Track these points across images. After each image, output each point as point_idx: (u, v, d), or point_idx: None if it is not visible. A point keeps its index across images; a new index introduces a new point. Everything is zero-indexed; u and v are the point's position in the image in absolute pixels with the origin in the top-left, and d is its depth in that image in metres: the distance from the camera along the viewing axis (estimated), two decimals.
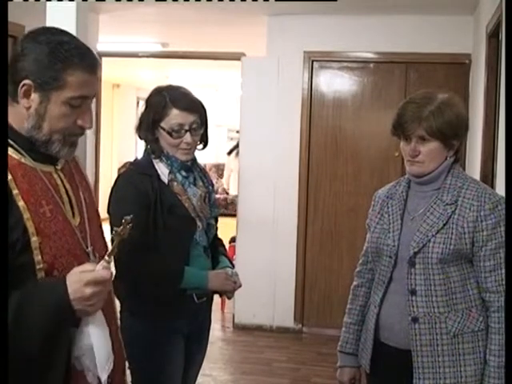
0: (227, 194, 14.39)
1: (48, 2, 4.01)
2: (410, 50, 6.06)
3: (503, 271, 2.30)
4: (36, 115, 1.75)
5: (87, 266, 1.70)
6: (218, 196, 3.70)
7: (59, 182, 1.84)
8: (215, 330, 6.39)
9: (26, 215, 1.68)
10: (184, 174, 2.77)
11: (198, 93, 2.87)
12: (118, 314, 2.03)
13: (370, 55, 6.24)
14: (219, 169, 15.36)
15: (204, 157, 2.98)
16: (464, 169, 4.34)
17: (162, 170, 2.73)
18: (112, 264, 1.72)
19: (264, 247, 6.37)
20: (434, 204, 2.39)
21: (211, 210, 2.88)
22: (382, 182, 2.89)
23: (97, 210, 2.01)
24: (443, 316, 2.34)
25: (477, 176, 4.60)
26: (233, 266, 2.95)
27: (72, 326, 1.69)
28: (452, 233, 2.33)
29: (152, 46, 7.87)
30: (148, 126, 2.74)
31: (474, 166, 5.00)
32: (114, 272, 1.76)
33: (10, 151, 1.74)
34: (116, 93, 13.28)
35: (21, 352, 1.62)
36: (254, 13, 6.17)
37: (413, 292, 2.36)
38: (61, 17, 3.99)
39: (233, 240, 6.91)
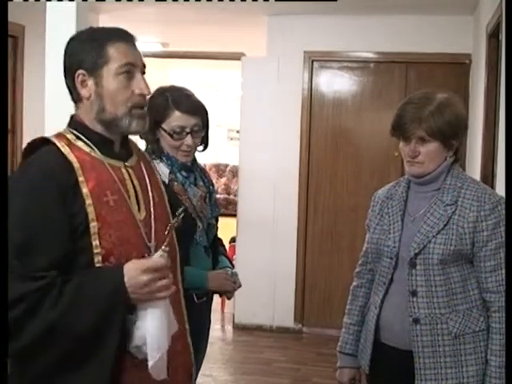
0: (228, 194, 14.39)
1: (48, 2, 4.02)
2: (410, 50, 6.07)
3: (504, 271, 2.30)
4: (97, 98, 1.88)
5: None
6: (218, 196, 3.73)
7: (127, 176, 1.93)
8: (215, 330, 6.39)
9: (88, 201, 1.79)
10: (184, 174, 2.77)
11: (198, 93, 2.86)
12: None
13: (370, 55, 6.24)
14: (219, 169, 15.37)
15: (204, 157, 2.99)
16: (464, 169, 4.34)
17: (162, 170, 2.73)
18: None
19: (264, 247, 6.37)
20: (434, 205, 2.39)
21: (212, 210, 2.88)
22: (382, 182, 2.89)
23: (167, 210, 2.07)
24: (444, 317, 2.34)
25: (477, 176, 4.60)
26: (233, 266, 2.95)
27: (126, 312, 1.75)
28: (452, 233, 2.33)
29: (152, 46, 7.86)
30: (149, 126, 2.73)
31: (474, 167, 5.00)
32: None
33: (81, 144, 1.87)
34: None
35: (74, 333, 1.71)
36: (254, 13, 6.17)
37: (414, 293, 2.36)
38: (61, 17, 4.00)
39: (233, 240, 6.92)
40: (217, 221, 2.97)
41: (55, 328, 1.69)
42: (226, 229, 4.09)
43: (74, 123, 1.94)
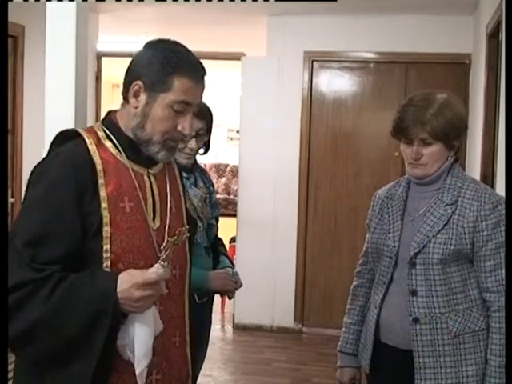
0: (228, 194, 14.40)
1: (48, 2, 4.01)
2: (410, 50, 6.07)
3: (503, 271, 2.30)
4: (141, 114, 1.87)
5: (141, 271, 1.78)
6: (218, 196, 3.74)
7: (148, 184, 1.92)
8: (215, 330, 6.40)
9: (104, 205, 1.79)
10: (185, 175, 2.77)
11: None
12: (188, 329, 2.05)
13: (370, 55, 6.24)
14: (219, 169, 15.38)
15: (204, 157, 2.99)
16: (464, 169, 4.35)
17: None
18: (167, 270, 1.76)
19: (264, 247, 6.37)
20: (434, 204, 2.39)
21: (212, 210, 2.89)
22: (382, 182, 2.89)
23: (183, 221, 2.05)
24: (444, 316, 2.34)
25: (477, 176, 4.60)
26: (233, 266, 2.96)
27: (114, 318, 1.73)
28: (452, 233, 2.33)
29: None
30: None
31: (474, 167, 5.00)
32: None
33: (109, 145, 1.88)
34: (116, 93, 13.28)
35: (59, 331, 1.71)
36: (254, 13, 6.17)
37: (413, 292, 2.36)
38: (61, 17, 3.99)
39: (233, 240, 6.92)
40: (217, 221, 2.98)
41: (41, 324, 1.69)
42: (226, 229, 4.09)
43: (109, 121, 1.94)
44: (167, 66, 1.85)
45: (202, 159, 2.96)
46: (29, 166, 1.94)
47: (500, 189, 3.44)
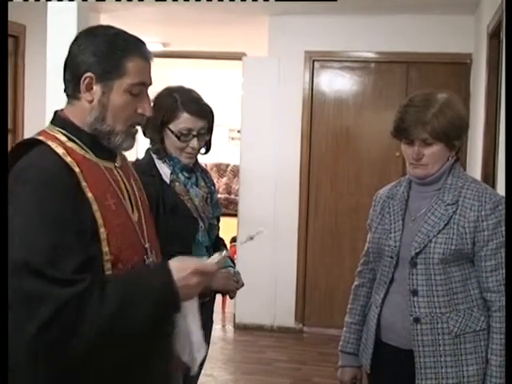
0: (228, 193, 14.39)
1: (49, 2, 4.02)
2: (411, 50, 6.07)
3: (504, 271, 2.30)
4: (99, 106, 1.79)
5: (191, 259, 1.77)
6: (219, 196, 3.74)
7: (119, 178, 1.88)
8: (216, 330, 6.38)
9: (95, 207, 1.72)
10: (186, 174, 2.77)
11: (198, 92, 2.86)
12: None
13: (371, 55, 6.24)
14: (220, 168, 15.37)
15: (205, 156, 2.99)
16: (465, 169, 4.34)
17: (164, 170, 2.73)
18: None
19: (265, 247, 6.36)
20: (435, 204, 2.39)
21: (213, 210, 2.88)
22: (383, 182, 2.89)
23: (150, 209, 2.05)
24: (445, 316, 2.34)
25: (477, 176, 4.60)
26: (234, 266, 2.96)
27: (176, 312, 1.72)
28: (453, 233, 2.33)
29: (153, 46, 7.86)
30: (155, 126, 2.71)
31: (475, 166, 5.00)
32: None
33: (74, 146, 1.77)
34: None
35: (126, 338, 1.66)
36: (255, 13, 6.18)
37: (414, 292, 2.36)
38: (62, 16, 4.00)
39: (234, 240, 6.92)
40: (218, 221, 2.98)
41: (105, 331, 1.61)
42: (226, 228, 4.09)
43: (62, 122, 1.82)
44: (116, 50, 1.78)
45: (202, 159, 2.96)
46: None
47: (501, 189, 3.44)
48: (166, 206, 2.66)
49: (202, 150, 2.84)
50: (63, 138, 1.78)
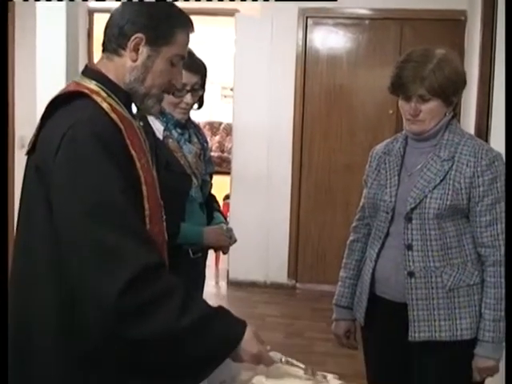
0: (221, 152, 14.37)
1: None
2: (405, 7, 6.02)
3: (499, 226, 2.32)
4: (142, 68, 1.81)
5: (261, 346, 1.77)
6: (211, 154, 3.73)
7: (142, 137, 1.89)
8: (209, 286, 6.44)
9: (138, 164, 1.74)
10: (179, 131, 2.77)
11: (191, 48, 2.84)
12: None
13: (365, 11, 6.19)
14: (213, 127, 15.32)
15: (197, 114, 2.98)
16: None
17: (157, 126, 2.73)
18: None
19: (258, 204, 6.39)
20: (431, 160, 2.40)
21: (206, 166, 2.89)
22: (377, 140, 2.89)
23: None
24: (439, 270, 2.37)
25: (471, 132, 4.60)
26: (227, 223, 2.97)
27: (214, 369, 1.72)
28: (449, 188, 2.34)
29: None
30: None
31: (469, 122, 5.00)
32: None
33: (114, 103, 1.78)
34: None
35: (176, 353, 1.65)
36: None
37: (409, 247, 2.38)
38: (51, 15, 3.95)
39: (227, 197, 6.93)
40: (211, 177, 2.98)
41: (165, 338, 1.62)
42: (219, 187, 4.09)
43: (98, 76, 1.82)
44: (172, 19, 1.83)
45: (195, 117, 2.96)
46: (20, 125, 1.87)
47: (494, 144, 3.44)
48: (160, 163, 2.66)
49: (195, 106, 2.84)
50: (103, 94, 1.78)
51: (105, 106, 1.73)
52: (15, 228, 1.80)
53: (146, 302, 1.58)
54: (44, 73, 4.06)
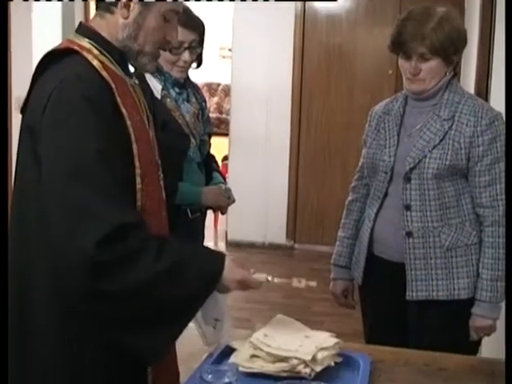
0: (220, 113, 14.31)
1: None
2: None
3: (498, 186, 2.32)
4: (134, 24, 1.78)
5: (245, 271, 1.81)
6: (210, 115, 3.73)
7: (136, 95, 1.87)
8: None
9: (128, 122, 1.72)
10: (177, 90, 2.75)
11: (188, 5, 2.80)
12: None
13: None
14: (211, 88, 15.21)
15: (195, 75, 2.96)
16: None
17: (155, 85, 2.71)
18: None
19: (257, 165, 6.39)
20: (430, 120, 2.38)
21: (204, 126, 2.88)
22: (376, 100, 2.87)
23: None
24: (437, 230, 2.37)
25: (471, 92, 4.58)
26: (225, 183, 2.97)
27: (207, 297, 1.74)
28: (448, 148, 2.33)
29: None
30: None
31: (469, 82, 4.97)
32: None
33: (106, 61, 1.76)
34: None
35: (159, 297, 1.65)
36: None
37: (407, 207, 2.38)
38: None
39: (225, 158, 6.92)
40: (209, 137, 2.97)
41: (150, 285, 1.62)
42: (218, 148, 4.09)
43: (90, 33, 1.79)
44: None
45: (193, 77, 2.93)
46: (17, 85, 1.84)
47: (494, 104, 3.43)
48: (158, 122, 2.64)
49: (194, 65, 2.81)
50: (95, 51, 1.75)
51: (95, 63, 1.71)
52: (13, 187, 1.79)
53: (120, 256, 1.58)
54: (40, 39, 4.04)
